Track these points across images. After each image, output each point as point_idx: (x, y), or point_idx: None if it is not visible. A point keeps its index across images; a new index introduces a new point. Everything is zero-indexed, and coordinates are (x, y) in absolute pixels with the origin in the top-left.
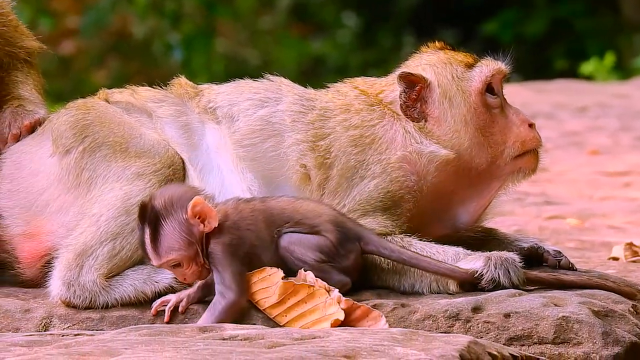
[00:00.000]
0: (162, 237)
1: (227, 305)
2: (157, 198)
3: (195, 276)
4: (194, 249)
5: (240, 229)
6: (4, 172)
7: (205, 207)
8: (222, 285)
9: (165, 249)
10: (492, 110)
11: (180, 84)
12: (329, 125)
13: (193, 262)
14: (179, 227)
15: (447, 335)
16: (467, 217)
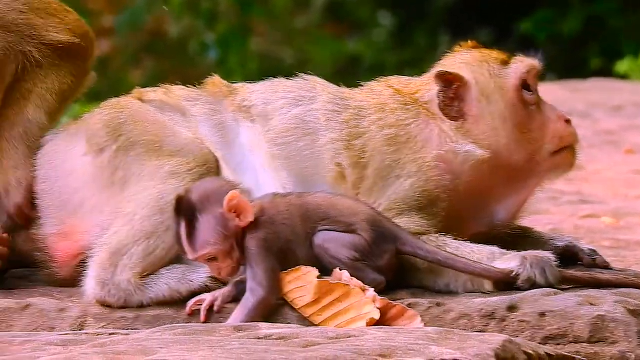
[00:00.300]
0: (197, 231)
1: (256, 302)
2: (193, 192)
3: (231, 271)
4: (230, 243)
5: (275, 223)
6: (38, 172)
7: (241, 201)
8: (253, 281)
9: (201, 243)
10: (529, 107)
11: (214, 82)
12: (363, 125)
13: (229, 257)
14: (215, 221)
15: (483, 334)
16: (504, 214)
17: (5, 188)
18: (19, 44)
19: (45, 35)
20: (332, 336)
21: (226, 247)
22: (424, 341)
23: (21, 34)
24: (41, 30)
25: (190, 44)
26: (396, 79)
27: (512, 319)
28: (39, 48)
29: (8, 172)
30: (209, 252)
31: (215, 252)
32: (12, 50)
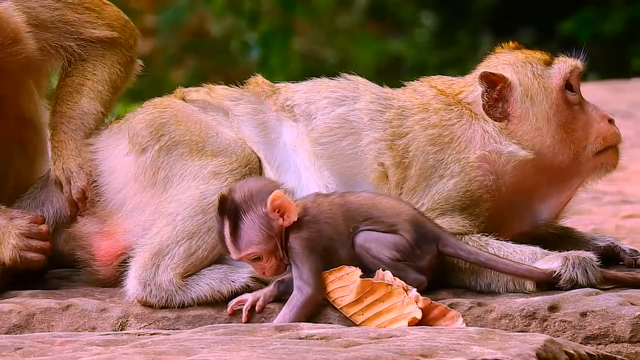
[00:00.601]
0: (241, 230)
1: (304, 300)
2: (237, 191)
3: (275, 270)
4: (274, 242)
5: (318, 222)
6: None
7: (285, 201)
8: (300, 280)
9: (245, 242)
10: (572, 107)
11: (257, 82)
12: (406, 124)
13: (272, 256)
14: (259, 221)
15: (524, 334)
16: (547, 214)
17: (67, 176)
18: (58, 39)
19: (83, 31)
20: (373, 336)
21: (270, 246)
22: (465, 341)
23: (58, 30)
24: (77, 26)
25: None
26: (439, 78)
27: (553, 319)
28: (79, 43)
29: (68, 160)
30: (253, 251)
31: (260, 251)
32: (51, 47)
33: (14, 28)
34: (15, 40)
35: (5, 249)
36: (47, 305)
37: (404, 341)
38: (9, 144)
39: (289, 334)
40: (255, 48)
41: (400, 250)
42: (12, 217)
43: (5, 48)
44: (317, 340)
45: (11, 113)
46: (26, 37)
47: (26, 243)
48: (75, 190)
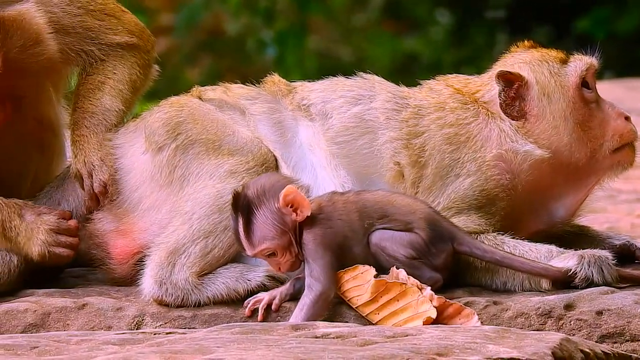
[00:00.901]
0: (255, 226)
1: (314, 297)
2: (250, 187)
3: (290, 265)
4: (288, 238)
5: (332, 219)
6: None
7: (298, 196)
8: (310, 277)
9: (259, 238)
10: (589, 105)
11: (273, 81)
12: (423, 124)
13: (287, 252)
14: (272, 216)
15: (540, 332)
16: (564, 212)
17: (89, 170)
18: (79, 44)
19: (103, 37)
20: (389, 335)
21: (284, 241)
22: (481, 340)
23: (79, 35)
24: (98, 32)
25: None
26: (455, 77)
27: (569, 318)
28: (100, 47)
29: (90, 154)
30: (267, 247)
31: (274, 246)
32: (71, 51)
33: (36, 29)
34: (37, 42)
35: (34, 244)
36: (62, 304)
37: (420, 340)
38: (28, 145)
39: (305, 333)
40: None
41: (415, 249)
42: (40, 212)
43: (27, 49)
44: (333, 339)
45: (30, 115)
46: (48, 38)
47: (55, 239)
48: (97, 183)
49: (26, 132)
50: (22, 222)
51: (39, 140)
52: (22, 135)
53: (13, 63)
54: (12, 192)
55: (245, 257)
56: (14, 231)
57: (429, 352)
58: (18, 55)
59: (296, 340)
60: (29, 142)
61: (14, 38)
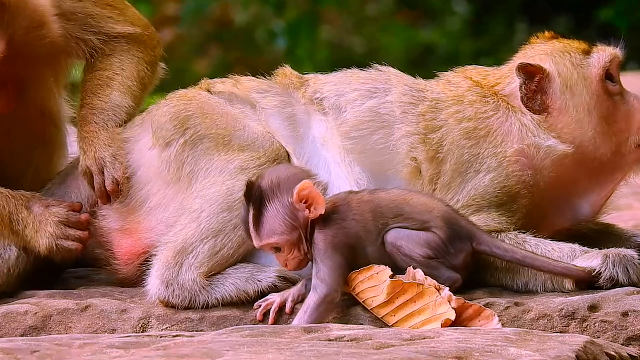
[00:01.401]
0: (265, 218)
1: (319, 300)
2: (265, 178)
3: (297, 264)
4: (298, 234)
5: (346, 220)
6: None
7: (314, 192)
8: (316, 278)
9: (267, 231)
10: (613, 97)
11: (285, 74)
12: (441, 118)
13: (295, 249)
14: (283, 210)
15: (563, 335)
16: (588, 210)
17: (99, 167)
18: (79, 31)
19: (104, 26)
20: (406, 338)
21: (293, 238)
22: (502, 342)
23: (80, 21)
24: (99, 20)
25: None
26: (474, 69)
27: (593, 319)
28: (100, 38)
29: (101, 150)
30: (275, 241)
31: (282, 242)
32: (72, 38)
33: (42, 11)
34: (42, 24)
35: (41, 237)
36: (65, 306)
37: (438, 343)
38: (29, 138)
39: (318, 336)
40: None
41: (433, 248)
42: (49, 205)
43: (31, 32)
44: (347, 342)
45: (32, 106)
46: (52, 21)
47: (64, 232)
48: (110, 180)
49: (28, 124)
50: (30, 214)
51: (41, 132)
52: (24, 127)
53: (17, 47)
54: (13, 185)
55: (256, 257)
56: (21, 224)
57: (448, 356)
58: (22, 39)
59: (309, 344)
60: (31, 134)
61: (19, 19)
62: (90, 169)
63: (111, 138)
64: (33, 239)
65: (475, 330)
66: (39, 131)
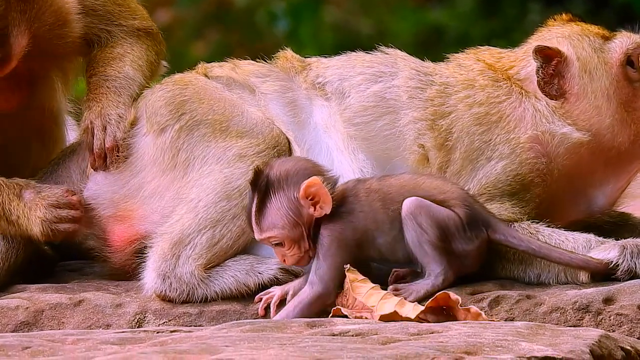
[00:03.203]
0: (267, 210)
1: (312, 297)
2: (274, 168)
3: (296, 260)
4: (299, 231)
5: (354, 212)
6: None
7: (322, 189)
8: (315, 274)
9: (268, 224)
10: (633, 84)
11: (286, 57)
12: (450, 103)
13: (295, 245)
14: (287, 205)
15: (577, 329)
16: (604, 200)
17: (103, 123)
18: (99, 24)
19: (122, 21)
20: (413, 332)
21: (294, 234)
22: (513, 337)
23: (100, 17)
24: (117, 16)
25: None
26: (487, 50)
27: (608, 312)
28: (121, 29)
29: (108, 108)
30: (274, 235)
31: (281, 237)
32: (93, 29)
33: (67, 9)
34: (65, 23)
35: (33, 224)
36: (57, 301)
37: (447, 337)
38: (29, 134)
39: (321, 330)
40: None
41: (449, 230)
42: (40, 190)
43: (55, 29)
44: (352, 337)
45: (36, 103)
46: (74, 19)
47: (56, 214)
48: (111, 137)
49: (29, 120)
50: (21, 202)
51: (41, 129)
52: (25, 123)
53: (38, 42)
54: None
55: (256, 248)
56: (14, 214)
57: (457, 351)
58: (45, 34)
59: (312, 339)
60: (31, 130)
61: (46, 14)
62: (92, 124)
63: (122, 102)
64: (27, 227)
65: (485, 324)
66: (39, 128)
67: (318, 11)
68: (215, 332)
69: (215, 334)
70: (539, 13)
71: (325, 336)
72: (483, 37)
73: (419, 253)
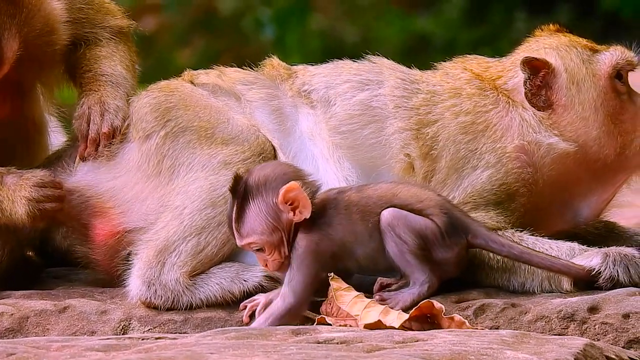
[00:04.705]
0: (247, 216)
1: (284, 310)
2: (253, 174)
3: (277, 266)
4: (279, 236)
5: (332, 224)
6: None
7: (300, 194)
8: (287, 285)
9: (248, 229)
10: (621, 96)
11: (272, 64)
12: (436, 111)
13: (276, 250)
14: (266, 210)
15: (562, 337)
16: (588, 212)
17: (102, 110)
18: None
19: (104, 23)
20: (398, 340)
21: (273, 239)
22: (498, 345)
23: (84, 24)
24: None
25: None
26: (475, 59)
27: (593, 321)
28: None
29: (106, 96)
30: (253, 240)
31: (261, 242)
32: (78, 35)
33: (55, 16)
34: (53, 30)
35: (18, 205)
36: (42, 307)
37: (432, 345)
38: (15, 141)
39: (306, 338)
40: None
41: (427, 237)
42: (22, 174)
43: (43, 36)
44: (336, 345)
45: (21, 111)
46: (61, 27)
47: (41, 193)
48: (109, 123)
49: (15, 129)
50: (4, 187)
51: (26, 137)
52: (10, 131)
53: (28, 49)
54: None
55: (241, 255)
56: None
57: (442, 359)
58: (34, 41)
59: (297, 346)
60: (16, 138)
61: (35, 19)
62: (90, 110)
63: (119, 95)
64: (12, 210)
65: (470, 333)
66: (24, 136)
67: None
68: (200, 339)
69: (200, 341)
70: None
71: (310, 344)
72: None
73: (402, 263)
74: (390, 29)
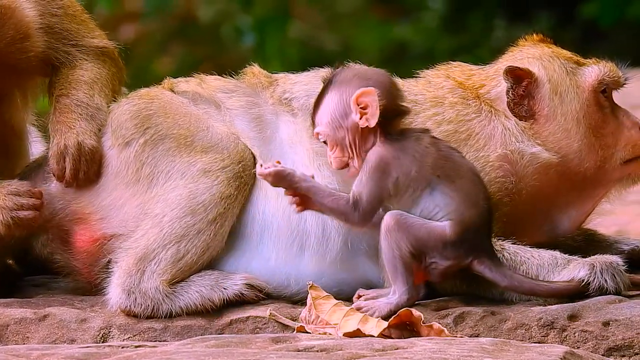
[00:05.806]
0: (322, 105)
1: (351, 204)
2: (348, 68)
3: (338, 164)
4: (342, 135)
5: (407, 152)
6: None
7: (374, 102)
8: (356, 188)
9: (318, 117)
10: (603, 109)
11: (253, 72)
12: (417, 121)
13: (338, 147)
14: (337, 104)
15: (541, 345)
16: (567, 224)
17: (77, 150)
18: (57, 43)
19: (80, 40)
20: (378, 348)
21: (337, 136)
22: (478, 353)
23: (57, 35)
24: (76, 34)
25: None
26: (458, 67)
27: (573, 329)
28: (80, 49)
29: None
30: (320, 131)
31: (324, 135)
32: (52, 50)
33: (27, 22)
34: (27, 36)
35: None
36: (22, 315)
37: (412, 353)
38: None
39: (286, 346)
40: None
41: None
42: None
43: (16, 42)
44: (316, 353)
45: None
46: (35, 34)
47: (16, 201)
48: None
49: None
50: None
51: (5, 144)
52: None
53: (0, 57)
54: None
55: (221, 263)
56: None
57: None
58: (6, 48)
59: (276, 354)
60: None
61: (5, 27)
62: (67, 150)
63: (94, 131)
64: None
65: (450, 340)
66: (3, 143)
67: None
68: (180, 347)
69: (180, 349)
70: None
71: (290, 352)
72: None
73: (390, 267)
74: (370, 37)
